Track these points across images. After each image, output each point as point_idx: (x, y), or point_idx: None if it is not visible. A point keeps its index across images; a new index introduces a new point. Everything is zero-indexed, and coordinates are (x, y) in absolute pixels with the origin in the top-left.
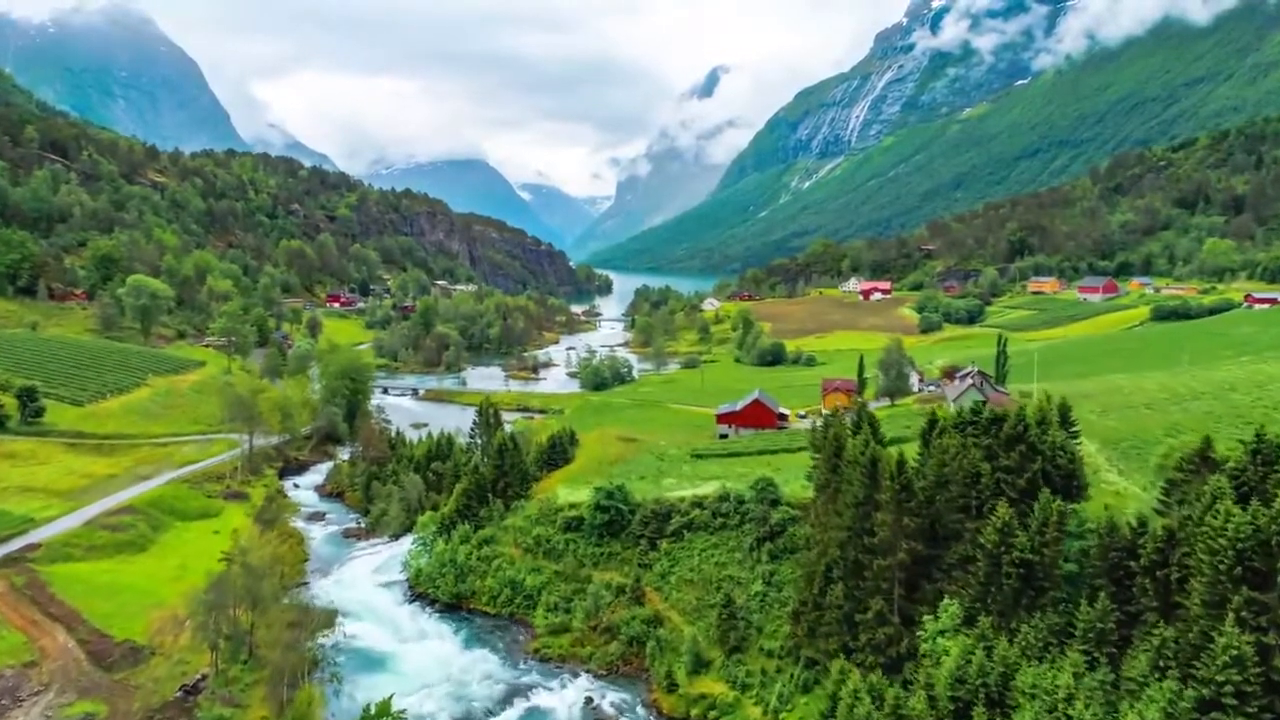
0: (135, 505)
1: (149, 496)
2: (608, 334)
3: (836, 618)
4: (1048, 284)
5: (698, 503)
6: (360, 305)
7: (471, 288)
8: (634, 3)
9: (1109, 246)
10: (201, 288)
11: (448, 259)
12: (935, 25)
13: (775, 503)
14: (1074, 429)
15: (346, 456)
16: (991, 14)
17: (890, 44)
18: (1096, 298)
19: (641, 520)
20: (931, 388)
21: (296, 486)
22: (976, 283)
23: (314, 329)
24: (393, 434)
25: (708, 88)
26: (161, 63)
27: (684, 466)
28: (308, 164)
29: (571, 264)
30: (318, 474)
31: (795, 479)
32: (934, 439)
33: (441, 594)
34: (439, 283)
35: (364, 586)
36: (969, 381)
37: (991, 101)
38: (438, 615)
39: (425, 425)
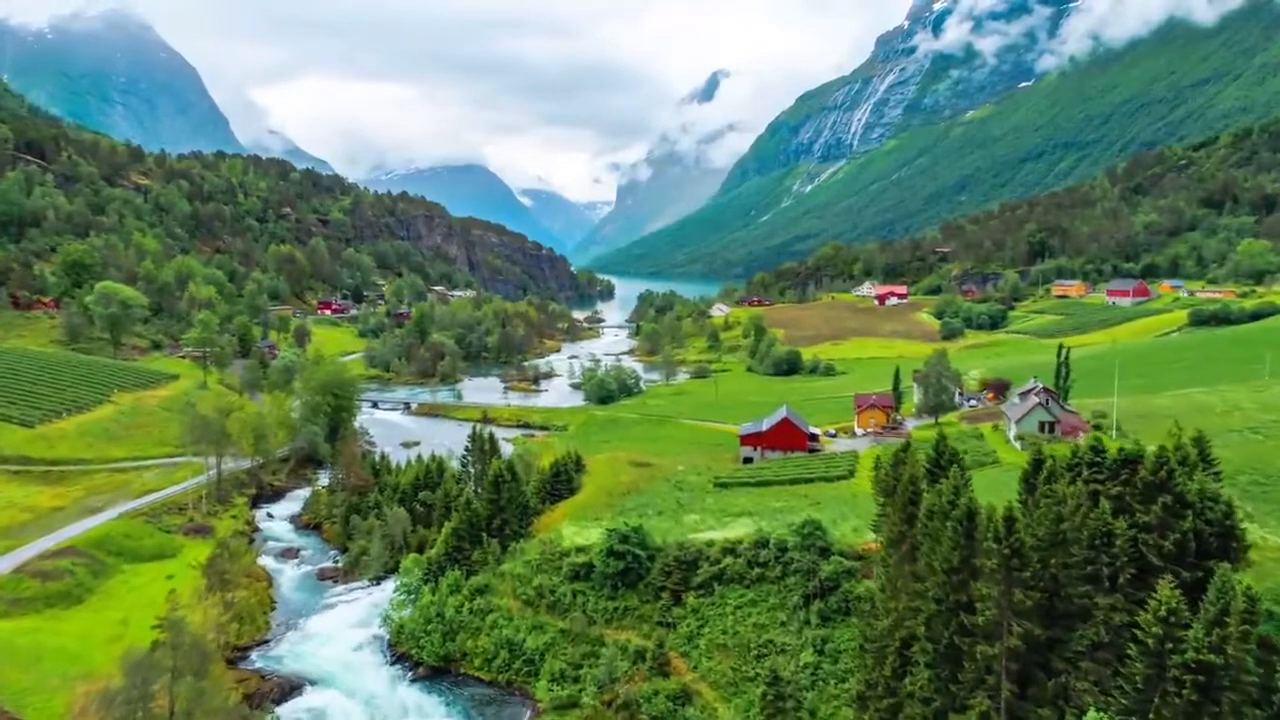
0: (77, 545)
1: (95, 534)
2: (611, 341)
3: (922, 714)
4: (1073, 287)
5: (730, 548)
6: (353, 312)
7: (470, 293)
8: (634, 7)
9: (1133, 248)
10: (182, 295)
11: (445, 264)
12: (937, 27)
13: (825, 552)
14: (1217, 470)
15: (326, 482)
16: (994, 16)
17: (892, 46)
18: (1127, 301)
19: (663, 569)
20: (972, 402)
21: (270, 517)
22: (997, 286)
23: (301, 338)
24: (376, 458)
25: (708, 92)
26: (160, 69)
27: (707, 498)
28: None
29: (572, 269)
30: (295, 501)
31: (844, 519)
32: (1040, 484)
33: (427, 655)
34: (436, 288)
35: (337, 643)
36: (1034, 399)
37: (995, 104)
38: (422, 682)
39: (417, 444)
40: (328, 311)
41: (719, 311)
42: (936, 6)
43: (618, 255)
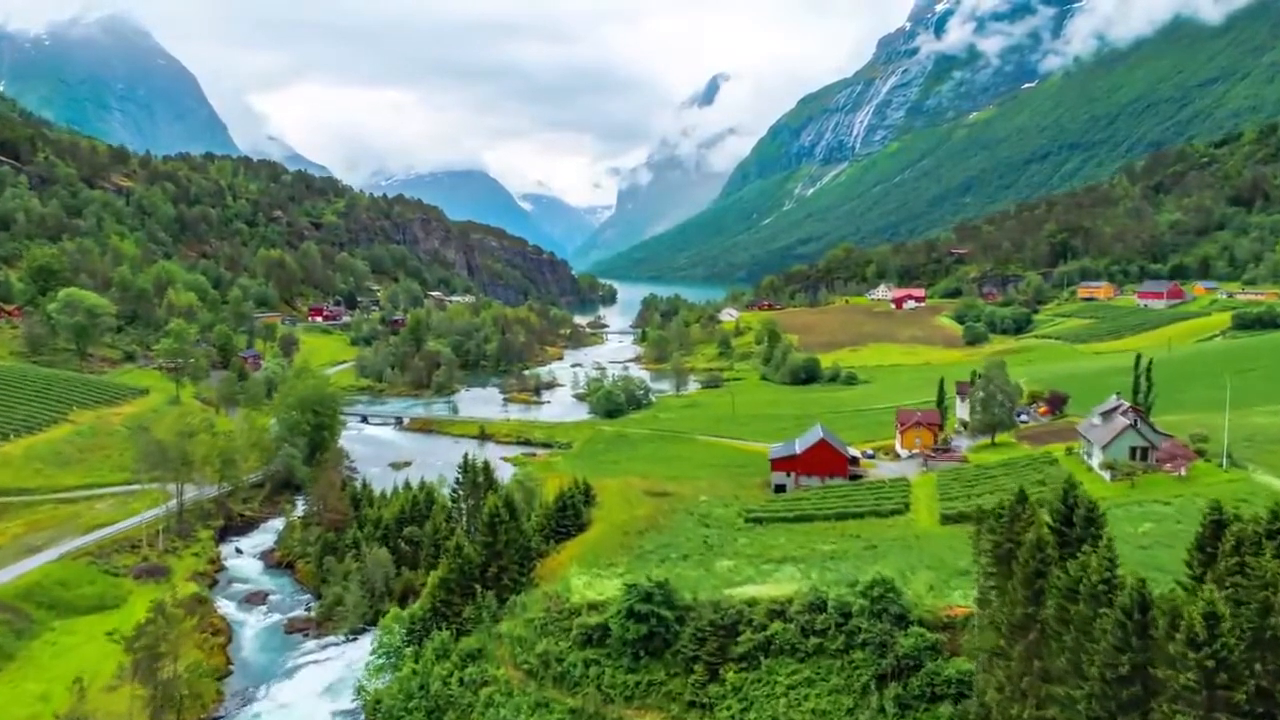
0: (2, 598)
1: (27, 581)
2: (615, 347)
3: None
4: (1100, 290)
5: (778, 610)
6: (345, 319)
7: (469, 299)
8: (634, 11)
9: (1160, 248)
10: (160, 302)
11: (443, 268)
12: (939, 28)
13: (901, 619)
14: None
15: (302, 512)
16: (997, 16)
17: (894, 48)
18: (1160, 304)
19: (695, 634)
20: (1023, 417)
21: (239, 552)
22: (1018, 288)
23: (289, 347)
24: (358, 487)
25: (708, 95)
26: (158, 75)
27: (739, 538)
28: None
29: (573, 273)
30: (269, 533)
31: (914, 571)
32: (1224, 556)
33: None
34: (433, 294)
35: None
36: (1123, 420)
37: (998, 105)
38: None
39: (408, 464)
40: (319, 318)
41: (728, 316)
42: (938, 7)
43: (618, 259)
